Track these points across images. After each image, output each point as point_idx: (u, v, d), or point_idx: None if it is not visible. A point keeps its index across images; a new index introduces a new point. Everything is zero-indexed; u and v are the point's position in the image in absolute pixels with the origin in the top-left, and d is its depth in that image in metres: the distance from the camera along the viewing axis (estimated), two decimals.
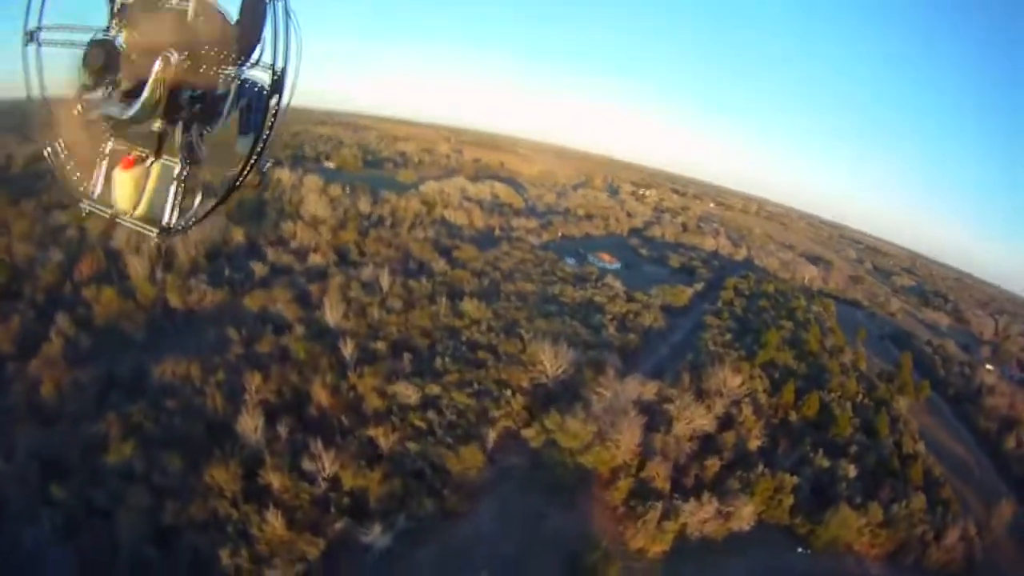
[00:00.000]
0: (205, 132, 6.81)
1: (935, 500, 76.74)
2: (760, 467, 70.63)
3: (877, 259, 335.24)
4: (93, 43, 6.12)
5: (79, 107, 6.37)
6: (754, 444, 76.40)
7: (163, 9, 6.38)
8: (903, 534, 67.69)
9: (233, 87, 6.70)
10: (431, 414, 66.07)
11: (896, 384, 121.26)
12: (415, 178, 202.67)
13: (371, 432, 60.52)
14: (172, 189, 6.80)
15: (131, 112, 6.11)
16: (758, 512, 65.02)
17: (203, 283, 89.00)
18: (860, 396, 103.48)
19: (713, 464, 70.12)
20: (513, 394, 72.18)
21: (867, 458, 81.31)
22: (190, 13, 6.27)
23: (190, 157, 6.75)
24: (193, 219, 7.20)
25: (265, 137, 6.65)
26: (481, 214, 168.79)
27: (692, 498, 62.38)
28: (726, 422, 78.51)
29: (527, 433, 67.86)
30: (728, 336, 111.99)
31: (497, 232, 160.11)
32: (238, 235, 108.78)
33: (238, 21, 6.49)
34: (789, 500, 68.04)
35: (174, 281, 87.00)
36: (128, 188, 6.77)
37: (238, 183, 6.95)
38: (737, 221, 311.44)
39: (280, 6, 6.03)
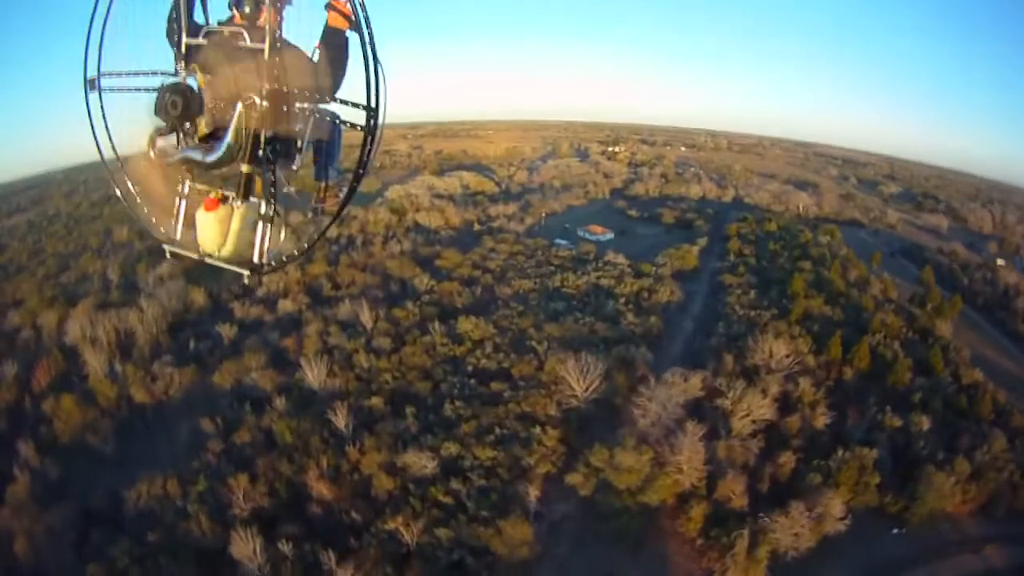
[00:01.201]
0: (287, 169, 6.76)
1: (1012, 433, 69.93)
2: (839, 452, 61.58)
3: (858, 171, 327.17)
4: (167, 88, 6.08)
5: (153, 153, 6.39)
6: (821, 422, 67.31)
7: (238, 50, 6.15)
8: (992, 484, 61.47)
9: (311, 122, 6.55)
10: (455, 483, 55.19)
11: (931, 307, 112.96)
12: (378, 185, 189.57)
13: (389, 525, 49.78)
14: (259, 228, 6.68)
15: (215, 156, 6.12)
16: (846, 502, 56.52)
17: (168, 365, 78.44)
18: (904, 331, 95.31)
19: (787, 460, 60.99)
20: (543, 429, 61.69)
21: (933, 402, 73.94)
22: (267, 52, 5.99)
23: (274, 195, 6.64)
24: (285, 257, 7.15)
25: (362, 172, 6.51)
26: (455, 210, 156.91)
27: (777, 510, 53.44)
28: (784, 403, 69.04)
29: (573, 479, 57.18)
30: (752, 294, 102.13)
31: (477, 226, 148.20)
32: (199, 296, 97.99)
33: (319, 56, 6.32)
34: (875, 479, 59.96)
35: (135, 372, 76.38)
36: (213, 229, 6.62)
37: (335, 218, 7.10)
38: (714, 161, 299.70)
39: (368, 46, 5.84)
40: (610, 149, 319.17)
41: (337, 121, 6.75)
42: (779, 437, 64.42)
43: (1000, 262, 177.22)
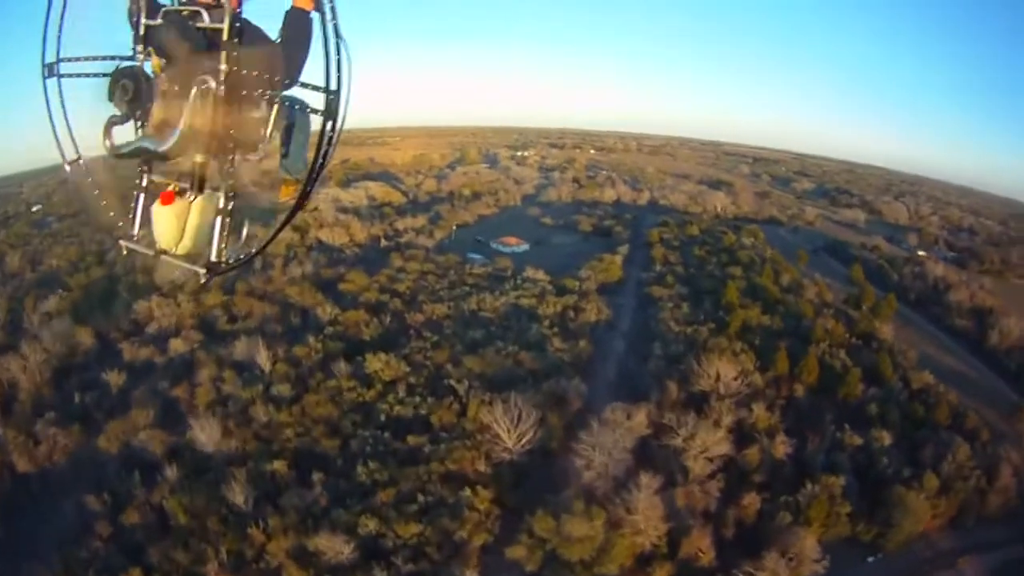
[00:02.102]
0: (248, 159, 6.46)
1: (968, 435, 68.91)
2: (806, 486, 57.00)
3: (769, 169, 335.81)
4: (119, 73, 5.92)
5: (108, 142, 6.03)
6: (781, 451, 62.58)
7: (195, 30, 5.87)
8: (961, 495, 60.24)
9: (274, 109, 6.33)
10: (377, 572, 45.67)
11: (867, 307, 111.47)
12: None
13: None
14: (217, 223, 6.37)
15: (167, 145, 5.89)
16: (819, 538, 52.66)
17: (52, 424, 66.75)
18: (848, 337, 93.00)
19: (752, 501, 55.82)
20: (473, 491, 53.06)
21: (889, 414, 71.78)
22: (225, 33, 5.71)
23: (234, 188, 6.32)
24: (242, 255, 6.85)
25: (321, 163, 6.22)
26: (361, 225, 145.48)
27: (749, 562, 48.50)
28: (740, 433, 64.08)
29: (516, 553, 48.61)
30: (685, 307, 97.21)
31: (384, 242, 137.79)
32: (86, 336, 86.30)
33: (280, 38, 6.16)
34: (845, 508, 56.65)
35: (15, 437, 64.48)
36: (169, 224, 6.40)
37: (294, 212, 6.71)
38: (625, 163, 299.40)
39: (330, 23, 5.52)
40: (519, 154, 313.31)
41: (302, 108, 6.58)
42: (740, 473, 59.34)
43: (922, 254, 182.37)
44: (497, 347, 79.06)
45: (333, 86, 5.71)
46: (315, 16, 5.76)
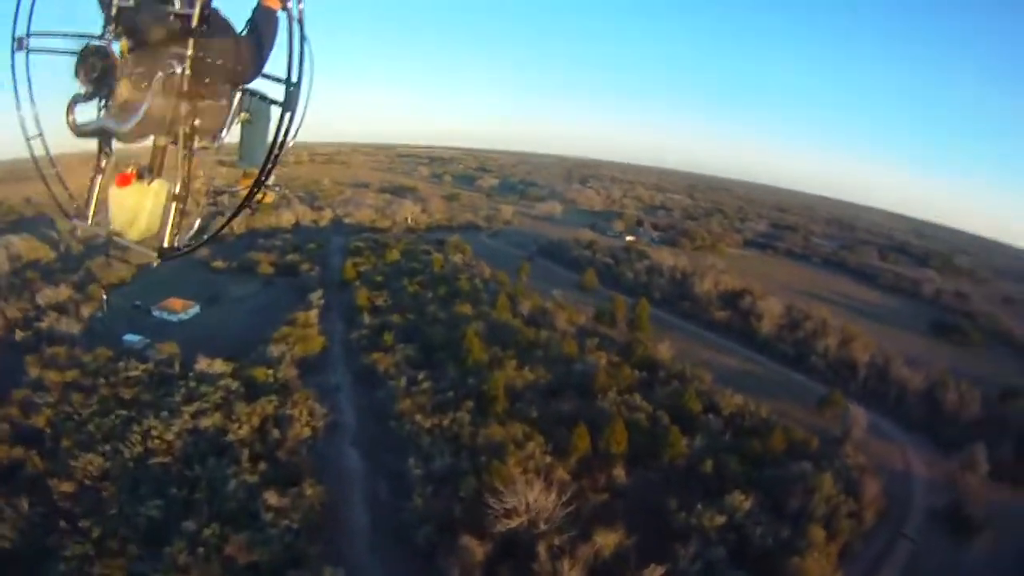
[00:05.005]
0: (207, 146, 6.70)
1: (804, 454, 65.44)
2: None
3: (448, 168, 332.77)
4: (87, 51, 6.04)
5: (72, 120, 6.16)
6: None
7: (165, 14, 5.98)
8: (846, 532, 56.70)
9: (236, 99, 6.66)
10: None
11: (623, 321, 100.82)
12: None
13: None
14: (171, 208, 6.53)
15: (128, 126, 6.03)
16: None
17: None
18: (631, 372, 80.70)
19: None
20: None
21: (727, 465, 62.44)
22: (194, 20, 5.91)
23: (191, 174, 6.52)
24: (194, 241, 6.97)
25: (276, 154, 6.11)
26: None
27: None
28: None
29: None
30: (424, 381, 74.58)
31: (20, 334, 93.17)
32: None
33: (247, 32, 6.32)
34: None
35: None
36: (125, 207, 6.52)
37: (246, 202, 6.56)
38: (299, 176, 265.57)
39: (295, 19, 5.62)
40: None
41: (263, 100, 6.88)
42: None
43: (630, 238, 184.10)
44: (184, 534, 48.70)
45: (294, 79, 5.65)
46: (282, 16, 5.98)
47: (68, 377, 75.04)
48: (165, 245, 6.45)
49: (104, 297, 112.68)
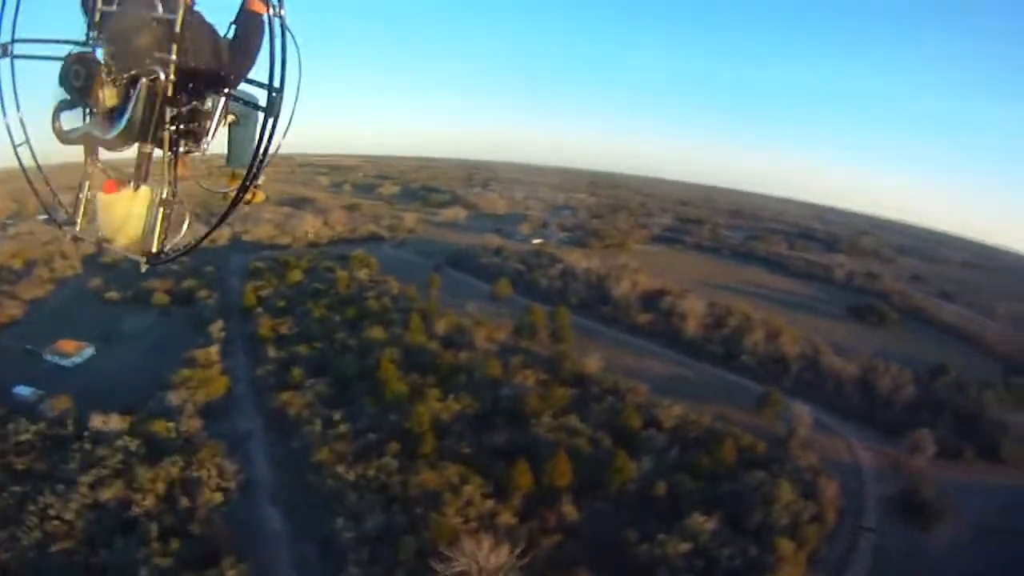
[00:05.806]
0: (193, 152, 6.50)
1: (762, 462, 65.05)
2: None
3: (348, 176, 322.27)
4: (72, 58, 5.92)
5: (58, 127, 6.02)
6: None
7: (148, 19, 5.81)
8: (814, 539, 56.04)
9: (221, 103, 6.41)
10: None
11: (545, 332, 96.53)
12: None
13: None
14: (159, 214, 6.42)
15: (114, 132, 5.88)
16: None
17: None
18: (565, 391, 76.72)
19: None
20: None
21: (682, 483, 60.57)
22: (177, 25, 5.72)
23: (175, 179, 6.38)
24: (183, 246, 6.83)
25: (261, 159, 6.04)
26: None
27: None
28: None
29: None
30: (340, 423, 67.91)
31: None
32: None
33: (231, 36, 6.17)
34: None
35: None
36: (114, 213, 6.40)
37: (234, 207, 6.56)
38: (194, 194, 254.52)
39: (278, 22, 5.64)
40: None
41: (249, 104, 6.47)
42: None
43: (537, 241, 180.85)
44: None
45: (277, 84, 5.61)
46: (267, 19, 5.87)
47: None
48: (153, 251, 6.34)
49: None
